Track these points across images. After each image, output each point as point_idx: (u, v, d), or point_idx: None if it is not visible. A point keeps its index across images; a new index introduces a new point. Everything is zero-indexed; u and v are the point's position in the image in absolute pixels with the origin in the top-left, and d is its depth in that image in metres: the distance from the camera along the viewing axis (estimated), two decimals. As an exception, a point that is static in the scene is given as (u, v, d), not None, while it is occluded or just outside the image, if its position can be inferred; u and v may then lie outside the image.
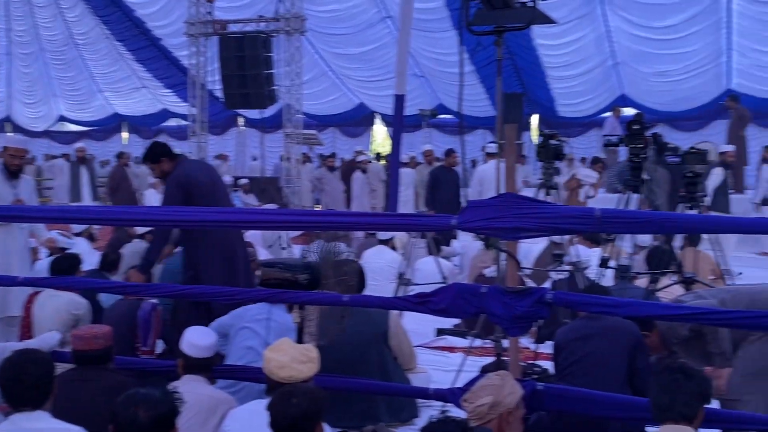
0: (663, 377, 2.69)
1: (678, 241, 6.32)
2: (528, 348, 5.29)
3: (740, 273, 8.57)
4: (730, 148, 9.96)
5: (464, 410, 2.81)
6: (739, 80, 16.26)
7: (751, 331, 3.47)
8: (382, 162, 13.85)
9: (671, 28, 15.54)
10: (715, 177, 8.79)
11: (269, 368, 3.02)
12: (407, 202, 11.19)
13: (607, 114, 15.99)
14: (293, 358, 3.01)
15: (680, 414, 2.60)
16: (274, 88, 12.76)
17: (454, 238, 9.27)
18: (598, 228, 3.32)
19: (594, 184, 9.76)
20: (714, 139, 13.18)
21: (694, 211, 4.77)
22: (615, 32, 16.21)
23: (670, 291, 4.86)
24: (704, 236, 5.67)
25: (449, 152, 10.36)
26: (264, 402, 2.75)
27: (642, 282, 5.31)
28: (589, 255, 6.06)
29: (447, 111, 18.21)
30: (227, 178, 11.09)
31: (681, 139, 12.90)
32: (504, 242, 3.38)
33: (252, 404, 3.15)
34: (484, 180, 8.84)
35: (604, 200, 9.45)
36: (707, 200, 6.69)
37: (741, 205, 10.37)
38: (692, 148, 4.94)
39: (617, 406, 3.27)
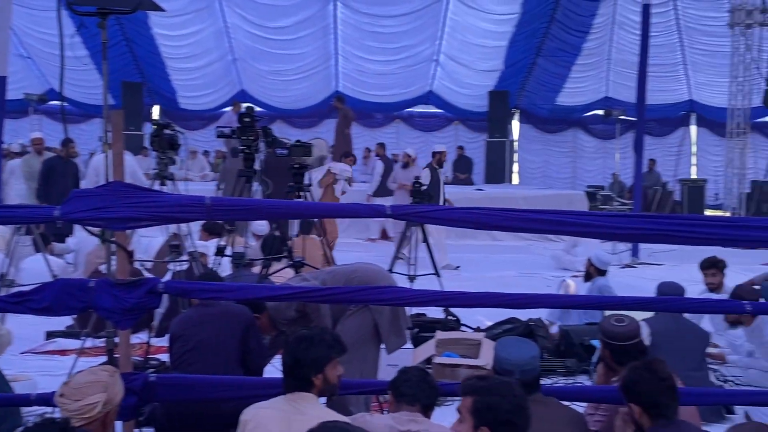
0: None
1: (294, 229, 6.78)
2: (147, 343, 5.19)
3: (458, 267, 9.59)
4: (443, 148, 10.87)
5: (64, 408, 2.65)
6: (344, 83, 17.93)
7: (348, 306, 3.91)
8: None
9: (284, 30, 16.51)
10: (425, 175, 9.67)
11: None
12: (20, 196, 10.06)
13: (228, 108, 16.37)
14: None
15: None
16: None
17: (70, 234, 8.63)
18: (208, 216, 3.40)
19: (349, 179, 9.62)
20: (325, 135, 14.34)
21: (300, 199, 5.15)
22: (233, 29, 16.65)
23: (282, 275, 5.19)
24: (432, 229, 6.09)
25: (66, 142, 9.56)
26: None
27: (258, 269, 5.58)
28: (208, 246, 6.18)
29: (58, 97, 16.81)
30: None
31: (297, 135, 13.82)
32: (111, 233, 3.27)
33: None
34: (100, 170, 8.40)
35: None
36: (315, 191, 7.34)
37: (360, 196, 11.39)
38: (297, 141, 5.33)
39: (229, 388, 3.40)
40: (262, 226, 7.22)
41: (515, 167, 19.17)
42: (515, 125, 19.44)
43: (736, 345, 5.44)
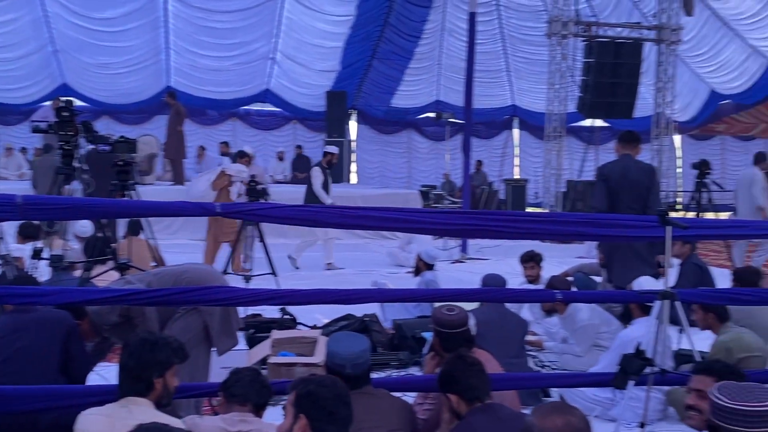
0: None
1: (121, 230, 6.47)
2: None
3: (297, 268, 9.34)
4: (334, 149, 10.57)
5: None
6: (176, 78, 17.32)
7: (176, 308, 3.78)
8: None
9: (110, 21, 15.69)
10: (316, 175, 9.75)
11: None
12: None
13: (48, 103, 15.30)
14: None
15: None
16: None
17: None
18: (21, 216, 3.16)
19: (244, 181, 8.82)
20: (156, 132, 13.79)
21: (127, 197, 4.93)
22: (54, 18, 15.59)
23: (105, 278, 4.94)
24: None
25: None
26: None
27: (80, 272, 5.27)
28: (24, 249, 5.75)
29: None
30: None
31: (125, 131, 13.11)
32: None
33: None
34: None
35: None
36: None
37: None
38: (122, 137, 5.09)
39: (48, 398, 3.19)
40: (85, 227, 6.81)
41: (353, 167, 19.45)
42: (353, 126, 19.73)
43: (552, 332, 5.85)
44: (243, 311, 6.54)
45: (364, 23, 16.92)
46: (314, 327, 6.27)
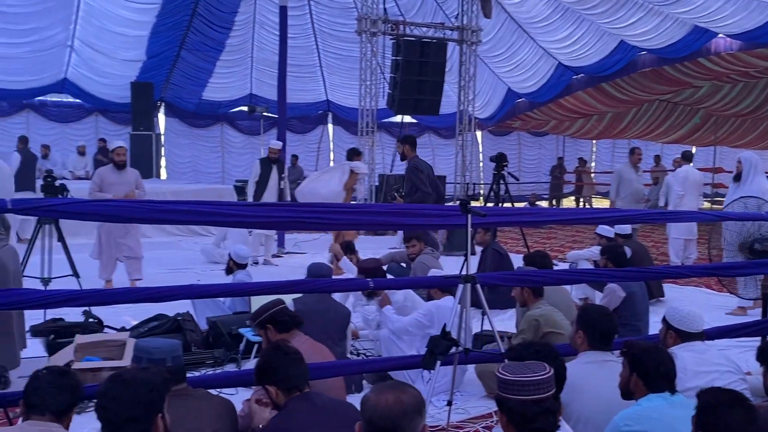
0: None
1: None
2: None
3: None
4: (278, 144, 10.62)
5: None
6: None
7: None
8: None
9: None
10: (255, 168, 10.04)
11: None
12: None
13: None
14: None
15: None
16: None
17: None
18: None
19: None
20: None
21: None
22: None
23: None
24: None
25: None
26: None
27: None
28: None
29: None
30: None
31: None
32: None
33: None
34: None
35: None
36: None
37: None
38: None
39: None
40: None
41: (163, 161, 18.70)
42: (161, 118, 18.96)
43: (369, 320, 6.03)
44: (43, 316, 6.10)
45: (171, 12, 16.28)
46: (122, 329, 5.99)
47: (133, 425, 2.29)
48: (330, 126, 21.17)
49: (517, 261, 7.81)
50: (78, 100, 17.87)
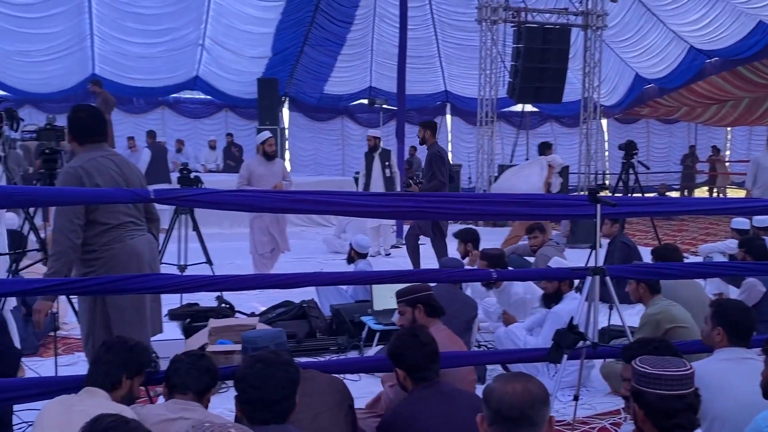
0: None
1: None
2: None
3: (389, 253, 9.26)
4: (373, 132, 10.68)
5: None
6: (102, 66, 16.80)
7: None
8: None
9: (31, 7, 15.10)
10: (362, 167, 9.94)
11: None
12: None
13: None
14: None
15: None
16: None
17: None
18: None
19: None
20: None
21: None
22: (-29, 4, 14.91)
23: (34, 270, 4.80)
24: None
25: None
26: None
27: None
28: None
29: None
30: None
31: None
32: None
33: None
34: None
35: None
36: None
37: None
38: (48, 124, 4.93)
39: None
40: (10, 219, 6.58)
41: (287, 155, 19.30)
42: (285, 113, 19.55)
43: (490, 312, 5.98)
44: (179, 301, 6.47)
45: (294, 9, 16.74)
46: (252, 314, 6.24)
47: (282, 404, 2.42)
48: (448, 116, 21.10)
49: (645, 254, 7.53)
50: (209, 97, 18.73)
